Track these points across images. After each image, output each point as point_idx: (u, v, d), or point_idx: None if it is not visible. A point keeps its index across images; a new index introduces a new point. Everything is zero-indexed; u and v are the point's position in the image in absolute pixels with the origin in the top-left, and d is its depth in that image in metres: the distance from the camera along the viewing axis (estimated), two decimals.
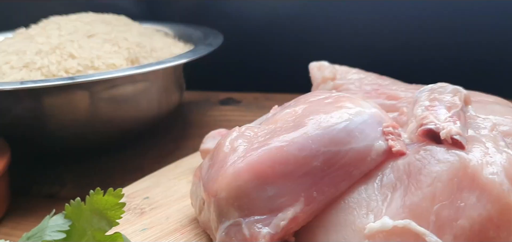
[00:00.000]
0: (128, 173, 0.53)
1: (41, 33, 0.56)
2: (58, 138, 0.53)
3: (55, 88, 0.49)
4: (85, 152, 0.56)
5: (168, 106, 0.60)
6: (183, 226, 0.39)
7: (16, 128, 0.52)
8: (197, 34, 0.66)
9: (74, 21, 0.58)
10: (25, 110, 0.51)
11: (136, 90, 0.54)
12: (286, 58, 0.80)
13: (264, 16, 0.80)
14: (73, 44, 0.53)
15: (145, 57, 0.55)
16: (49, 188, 0.51)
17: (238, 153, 0.34)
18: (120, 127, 0.55)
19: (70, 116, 0.51)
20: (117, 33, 0.57)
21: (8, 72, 0.50)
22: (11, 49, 0.54)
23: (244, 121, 0.65)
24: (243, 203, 0.32)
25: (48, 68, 0.50)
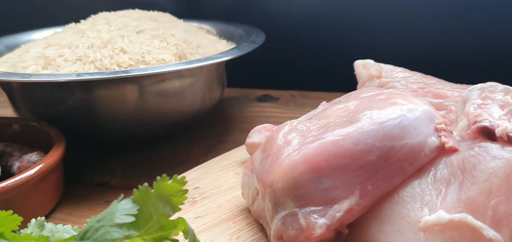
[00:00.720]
0: (174, 165, 0.54)
1: (91, 28, 0.58)
2: (108, 129, 0.55)
3: (107, 81, 0.51)
4: (133, 143, 0.58)
5: (211, 102, 0.61)
6: (234, 215, 0.40)
7: (68, 118, 0.54)
8: (238, 32, 0.68)
9: (123, 17, 0.60)
10: (78, 102, 0.53)
11: (182, 85, 0.55)
12: (322, 56, 0.81)
13: (301, 15, 0.81)
14: (124, 39, 0.55)
15: (191, 53, 0.56)
16: (100, 177, 0.53)
17: (293, 146, 0.35)
18: (165, 120, 0.57)
19: (120, 109, 0.53)
20: (164, 29, 0.59)
21: (63, 65, 0.52)
22: (63, 43, 0.56)
23: (283, 117, 0.67)
24: (299, 194, 0.33)
25: (101, 62, 0.52)
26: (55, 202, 0.47)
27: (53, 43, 0.56)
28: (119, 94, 0.53)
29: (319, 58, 0.80)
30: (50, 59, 0.53)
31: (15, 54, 0.59)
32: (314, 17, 0.80)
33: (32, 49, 0.57)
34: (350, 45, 0.79)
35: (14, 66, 0.56)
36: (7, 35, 0.69)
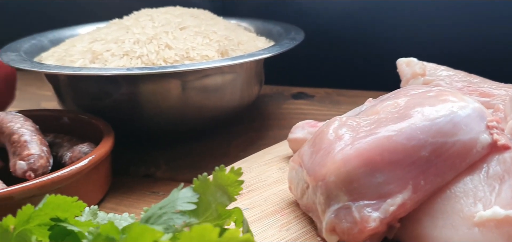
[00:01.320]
0: (215, 158, 0.56)
1: (135, 24, 0.60)
2: (152, 122, 0.56)
3: (153, 76, 0.53)
4: (175, 137, 0.59)
5: (249, 98, 0.62)
6: (281, 208, 0.41)
7: (114, 111, 0.55)
8: (276, 30, 0.68)
9: (165, 14, 0.62)
10: (123, 96, 0.54)
11: (223, 81, 0.56)
12: (357, 55, 0.81)
13: (335, 13, 0.81)
14: (168, 36, 0.57)
15: (233, 50, 0.57)
16: (146, 169, 0.54)
17: (345, 141, 0.35)
18: (206, 115, 0.58)
19: (164, 103, 0.54)
20: (206, 26, 0.60)
21: (110, 59, 0.54)
22: (109, 38, 0.57)
23: (320, 114, 0.67)
24: (352, 188, 0.33)
25: (147, 57, 0.53)
26: (104, 192, 0.48)
27: (99, 39, 0.58)
28: (164, 89, 0.54)
29: (354, 56, 0.81)
30: (97, 53, 0.55)
31: (61, 49, 0.61)
32: (349, 15, 0.80)
33: (78, 44, 0.59)
34: (384, 44, 0.79)
35: (62, 60, 0.57)
36: (51, 30, 0.71)
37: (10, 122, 0.48)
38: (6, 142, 0.47)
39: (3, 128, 0.48)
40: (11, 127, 0.48)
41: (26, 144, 0.46)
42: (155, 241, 0.25)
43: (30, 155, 0.45)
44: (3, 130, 0.48)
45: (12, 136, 0.47)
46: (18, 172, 0.44)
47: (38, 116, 0.51)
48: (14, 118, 0.49)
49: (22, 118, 0.49)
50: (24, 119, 0.49)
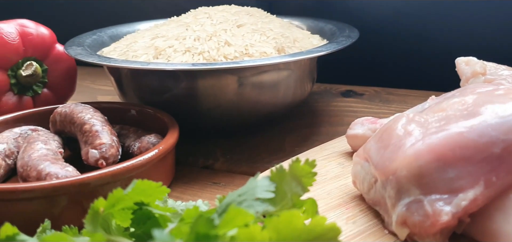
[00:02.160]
0: (271, 152, 0.57)
1: (194, 21, 0.62)
2: (209, 116, 0.58)
3: (212, 72, 0.54)
4: (231, 130, 0.61)
5: (301, 95, 0.63)
6: (345, 202, 0.42)
7: (174, 105, 0.57)
8: (328, 28, 0.69)
9: (222, 12, 0.64)
10: (182, 90, 0.57)
11: (279, 78, 0.58)
12: (404, 55, 0.82)
13: (382, 12, 0.81)
14: (227, 33, 0.58)
15: (289, 47, 0.59)
16: (204, 161, 0.56)
17: (415, 136, 0.36)
18: (260, 111, 0.59)
19: (221, 98, 0.56)
20: (262, 24, 0.61)
21: (173, 55, 0.56)
22: (170, 35, 0.59)
23: (370, 112, 0.68)
24: (424, 182, 0.34)
25: (208, 53, 0.55)
26: (170, 182, 0.50)
27: (160, 35, 0.60)
28: (221, 84, 0.56)
29: (404, 55, 0.81)
30: (160, 50, 0.57)
31: (122, 44, 0.64)
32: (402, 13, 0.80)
33: (140, 40, 0.62)
34: (436, 43, 0.79)
35: (124, 55, 0.60)
36: (109, 27, 0.74)
37: (80, 113, 0.51)
38: (77, 131, 0.50)
39: (74, 118, 0.51)
40: (82, 117, 0.50)
41: (97, 134, 0.48)
42: (246, 224, 0.27)
43: (102, 144, 0.47)
44: (74, 120, 0.51)
45: (83, 125, 0.49)
46: (90, 160, 0.47)
47: (105, 109, 0.54)
48: (85, 109, 0.51)
49: (92, 110, 0.52)
50: (93, 111, 0.51)
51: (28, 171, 0.45)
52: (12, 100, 0.64)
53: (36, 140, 0.49)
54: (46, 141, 0.50)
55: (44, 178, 0.43)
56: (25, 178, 0.45)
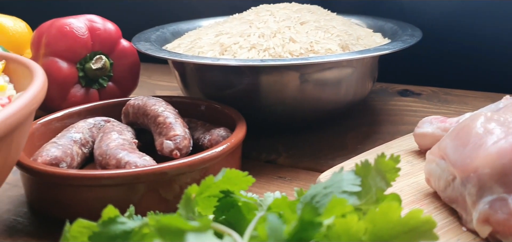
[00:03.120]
0: (334, 149, 0.57)
1: (257, 19, 0.63)
2: (271, 112, 0.59)
3: (275, 68, 0.55)
4: (292, 126, 0.62)
5: (362, 94, 0.63)
6: (418, 199, 0.42)
7: (236, 100, 0.59)
8: (388, 26, 0.69)
9: (284, 9, 0.64)
10: (245, 86, 0.58)
11: (341, 75, 0.58)
12: (462, 55, 0.80)
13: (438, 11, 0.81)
14: (290, 30, 0.59)
15: (353, 45, 0.59)
16: (267, 155, 0.57)
17: (497, 135, 0.36)
18: (321, 108, 0.60)
19: (283, 94, 0.57)
20: (324, 21, 0.62)
21: (239, 52, 0.57)
22: (234, 32, 0.61)
23: (430, 112, 0.68)
24: (507, 180, 0.34)
25: (274, 50, 0.56)
26: None
27: (224, 32, 0.62)
28: (284, 80, 0.57)
29: (459, 56, 0.80)
30: (225, 46, 0.59)
31: (185, 41, 0.66)
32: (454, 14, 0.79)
33: (204, 37, 0.63)
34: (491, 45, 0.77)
35: (190, 50, 0.61)
36: (170, 23, 0.76)
37: (153, 105, 0.53)
38: (151, 123, 0.52)
39: (148, 110, 0.53)
40: (155, 110, 0.52)
41: (171, 125, 0.50)
42: (343, 214, 0.28)
43: (176, 136, 0.49)
44: (148, 112, 0.52)
45: (157, 117, 0.51)
46: (165, 151, 0.49)
47: (175, 103, 0.56)
48: (157, 102, 0.53)
49: (164, 103, 0.53)
50: (166, 104, 0.53)
51: (107, 159, 0.47)
52: (80, 92, 0.67)
53: (111, 130, 0.51)
54: (121, 131, 0.52)
55: (123, 166, 0.45)
56: (105, 166, 0.47)
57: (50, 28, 0.66)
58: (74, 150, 0.50)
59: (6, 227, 0.44)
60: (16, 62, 0.46)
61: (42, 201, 0.46)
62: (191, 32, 0.70)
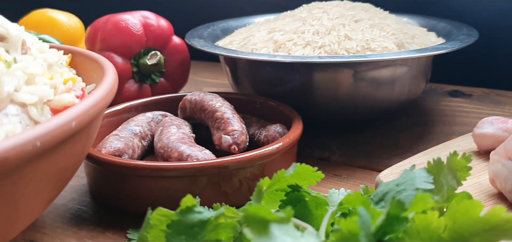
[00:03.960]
0: (388, 148, 0.57)
1: (310, 16, 0.63)
2: (324, 109, 0.59)
3: (329, 65, 0.55)
4: (344, 124, 0.62)
5: (415, 93, 0.62)
6: (483, 200, 0.41)
7: (289, 97, 0.59)
8: (441, 25, 0.68)
9: (336, 7, 0.64)
10: (297, 83, 0.58)
11: (395, 74, 0.58)
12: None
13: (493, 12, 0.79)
14: (345, 28, 0.59)
15: (409, 43, 0.59)
16: (320, 153, 0.57)
17: None
18: (374, 106, 0.60)
19: (336, 92, 0.57)
20: (379, 19, 0.61)
21: (293, 48, 0.57)
22: (287, 29, 0.61)
23: (483, 113, 0.66)
24: None
25: (330, 47, 0.56)
26: None
27: (277, 29, 0.62)
28: (338, 78, 0.57)
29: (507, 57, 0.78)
30: (279, 43, 0.59)
31: (237, 38, 0.66)
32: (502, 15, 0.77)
33: (256, 34, 0.64)
34: None
35: (243, 47, 0.62)
36: (220, 21, 0.77)
37: (211, 101, 0.54)
38: (208, 118, 0.53)
39: (205, 106, 0.53)
40: (213, 105, 0.53)
41: (229, 121, 0.51)
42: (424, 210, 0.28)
43: (234, 131, 0.50)
44: (205, 107, 0.53)
45: (215, 113, 0.52)
46: (223, 145, 0.49)
47: (230, 99, 0.56)
48: (214, 97, 0.54)
49: (221, 98, 0.54)
50: (222, 99, 0.54)
51: (169, 152, 0.48)
52: (134, 87, 0.68)
53: (170, 124, 0.52)
54: (180, 125, 0.53)
55: (185, 159, 0.46)
56: (166, 158, 0.48)
57: (106, 24, 0.68)
58: (135, 142, 0.52)
59: (72, 215, 0.46)
60: (82, 56, 0.48)
61: (105, 190, 0.47)
62: (241, 30, 0.71)
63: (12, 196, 0.29)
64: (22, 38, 0.37)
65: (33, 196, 0.31)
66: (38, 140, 0.27)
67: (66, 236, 0.42)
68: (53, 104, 0.36)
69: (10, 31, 0.36)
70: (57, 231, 0.43)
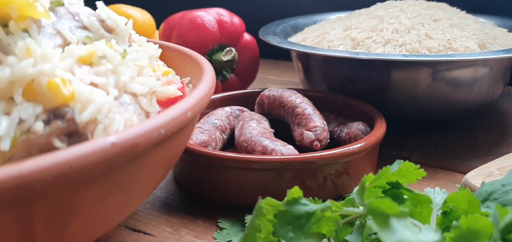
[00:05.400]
0: (468, 149, 0.56)
1: (386, 14, 0.62)
2: (401, 109, 0.59)
3: (405, 64, 0.55)
4: (421, 124, 0.61)
5: (493, 95, 0.61)
6: None
7: (365, 94, 0.59)
8: None
9: (413, 6, 0.64)
10: (374, 81, 0.58)
11: (475, 75, 0.57)
12: None
13: None
14: (424, 26, 0.58)
15: (491, 44, 0.57)
16: (397, 153, 0.57)
17: None
18: (452, 107, 0.59)
19: (414, 91, 0.57)
20: (458, 19, 0.60)
21: (373, 46, 0.57)
22: (364, 27, 0.61)
23: None
24: None
25: (411, 46, 0.56)
26: (375, 170, 0.51)
27: (353, 27, 0.62)
28: (416, 77, 0.56)
29: None
30: (358, 40, 0.59)
31: (310, 35, 0.67)
32: None
33: (331, 31, 0.64)
34: None
35: (318, 44, 0.62)
36: (288, 18, 0.77)
37: (290, 97, 0.54)
38: (288, 114, 0.53)
39: (284, 101, 0.54)
40: (293, 101, 0.53)
41: (310, 117, 0.51)
42: None
43: (316, 127, 0.50)
44: (284, 103, 0.54)
45: (295, 109, 0.53)
46: (305, 141, 0.50)
47: (308, 96, 0.57)
48: (293, 94, 0.55)
49: (300, 95, 0.55)
50: (301, 96, 0.55)
51: (253, 145, 0.49)
52: None
53: (250, 119, 0.53)
54: (259, 120, 0.54)
55: (270, 153, 0.47)
56: (250, 151, 0.49)
57: (182, 21, 0.70)
58: (217, 135, 0.53)
59: (161, 203, 0.48)
60: (172, 51, 0.49)
61: (192, 180, 0.49)
62: (313, 27, 0.71)
63: (132, 180, 0.30)
64: (129, 31, 0.38)
65: (147, 181, 0.33)
66: (162, 128, 0.29)
67: (158, 223, 0.44)
68: (158, 95, 0.37)
69: (119, 24, 0.38)
70: (149, 218, 0.45)
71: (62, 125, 0.28)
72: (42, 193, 0.24)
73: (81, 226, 0.28)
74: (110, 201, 0.29)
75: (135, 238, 0.42)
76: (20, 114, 0.27)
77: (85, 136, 0.29)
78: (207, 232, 0.42)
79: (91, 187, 0.26)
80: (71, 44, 0.34)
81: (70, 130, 0.28)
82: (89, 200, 0.27)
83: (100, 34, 0.37)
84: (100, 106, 0.29)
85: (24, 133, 0.27)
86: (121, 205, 0.31)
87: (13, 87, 0.28)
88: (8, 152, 0.27)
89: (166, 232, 0.43)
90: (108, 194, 0.28)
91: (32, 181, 0.23)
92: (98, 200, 0.28)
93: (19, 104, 0.28)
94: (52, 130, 0.28)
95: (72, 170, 0.24)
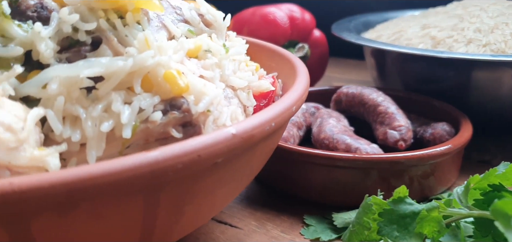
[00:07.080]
0: None
1: (465, 13, 0.61)
2: (481, 110, 0.57)
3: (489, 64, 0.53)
4: (504, 126, 0.59)
5: None
6: None
7: (442, 94, 0.57)
8: None
9: (495, 5, 0.62)
10: (454, 81, 0.56)
11: None
12: None
13: None
14: (509, 26, 0.56)
15: None
16: (479, 155, 0.55)
17: None
18: None
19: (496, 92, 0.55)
20: None
21: (455, 45, 0.56)
22: (443, 25, 0.60)
23: None
24: None
25: (496, 46, 0.54)
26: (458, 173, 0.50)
27: (432, 25, 0.61)
28: (499, 78, 0.54)
29: None
30: (438, 39, 0.58)
31: (386, 32, 0.65)
32: None
33: (408, 29, 0.63)
34: None
35: (395, 41, 0.61)
36: (359, 15, 0.77)
37: (371, 95, 0.53)
38: (369, 112, 0.53)
39: (365, 99, 0.53)
40: (374, 99, 0.53)
41: (394, 116, 0.50)
42: None
43: (401, 126, 0.49)
44: (365, 101, 0.53)
45: (377, 107, 0.52)
46: (389, 140, 0.49)
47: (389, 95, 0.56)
48: (373, 92, 0.54)
49: (381, 93, 0.54)
50: (383, 94, 0.54)
51: (335, 143, 0.48)
52: None
53: (329, 116, 0.53)
54: (338, 118, 0.53)
55: (354, 151, 0.47)
56: (332, 149, 0.49)
57: (253, 16, 0.71)
58: (294, 131, 0.53)
59: (242, 197, 0.48)
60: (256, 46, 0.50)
61: (273, 175, 0.49)
62: (386, 24, 0.70)
63: (243, 170, 0.31)
64: (227, 26, 0.39)
65: (251, 172, 0.33)
66: (273, 121, 0.29)
67: (243, 216, 0.44)
68: (253, 89, 0.38)
69: (217, 18, 0.38)
70: (233, 211, 0.45)
71: (179, 115, 0.29)
72: (171, 180, 0.24)
73: (194, 214, 0.29)
74: (222, 189, 0.29)
75: (222, 230, 0.42)
76: (140, 104, 0.28)
77: (198, 127, 0.29)
78: (293, 228, 0.42)
79: (209, 176, 0.27)
80: (175, 37, 0.35)
81: (185, 121, 0.29)
82: (206, 187, 0.27)
83: (200, 28, 0.37)
84: (212, 99, 0.30)
85: (143, 122, 0.28)
86: (229, 193, 0.32)
87: (133, 78, 0.29)
88: (128, 139, 0.28)
89: (252, 226, 0.43)
90: (222, 182, 0.28)
91: (166, 168, 0.23)
92: (212, 188, 0.28)
93: (138, 94, 0.29)
94: (169, 119, 0.28)
95: (200, 158, 0.24)
